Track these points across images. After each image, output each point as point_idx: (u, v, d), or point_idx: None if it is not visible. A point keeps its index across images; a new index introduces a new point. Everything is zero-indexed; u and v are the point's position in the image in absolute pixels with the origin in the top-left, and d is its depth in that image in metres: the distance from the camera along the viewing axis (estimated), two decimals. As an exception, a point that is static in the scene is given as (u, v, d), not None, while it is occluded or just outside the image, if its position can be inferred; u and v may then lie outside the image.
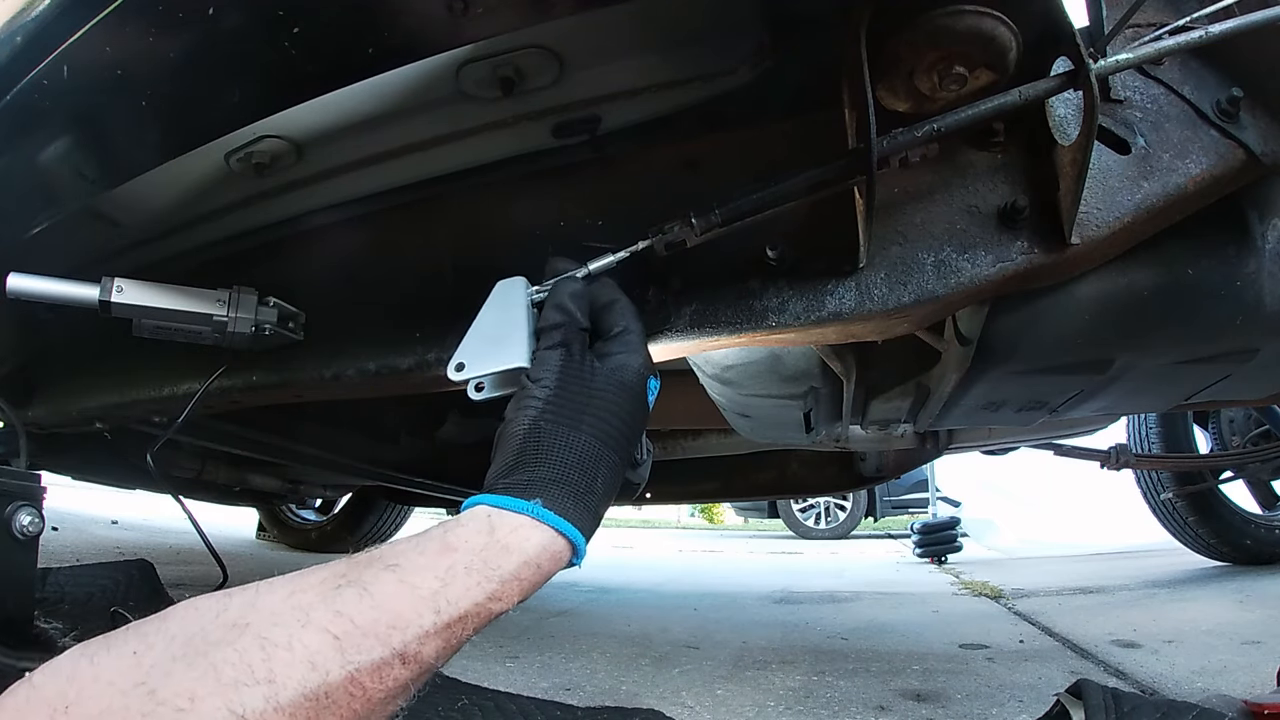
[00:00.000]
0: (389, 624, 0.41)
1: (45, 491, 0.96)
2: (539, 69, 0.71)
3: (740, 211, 0.63)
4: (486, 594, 0.45)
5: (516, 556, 0.47)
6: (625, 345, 0.59)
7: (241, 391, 1.04)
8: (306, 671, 0.37)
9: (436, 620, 0.42)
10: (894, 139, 0.60)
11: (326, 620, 0.40)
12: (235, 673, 0.36)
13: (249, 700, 0.35)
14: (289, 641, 0.38)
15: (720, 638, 1.81)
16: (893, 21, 0.62)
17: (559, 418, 0.53)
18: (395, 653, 0.40)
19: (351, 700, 0.39)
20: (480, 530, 0.47)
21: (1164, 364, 0.88)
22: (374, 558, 0.45)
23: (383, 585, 0.42)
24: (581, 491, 0.51)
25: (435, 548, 0.46)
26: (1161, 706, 0.82)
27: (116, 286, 0.70)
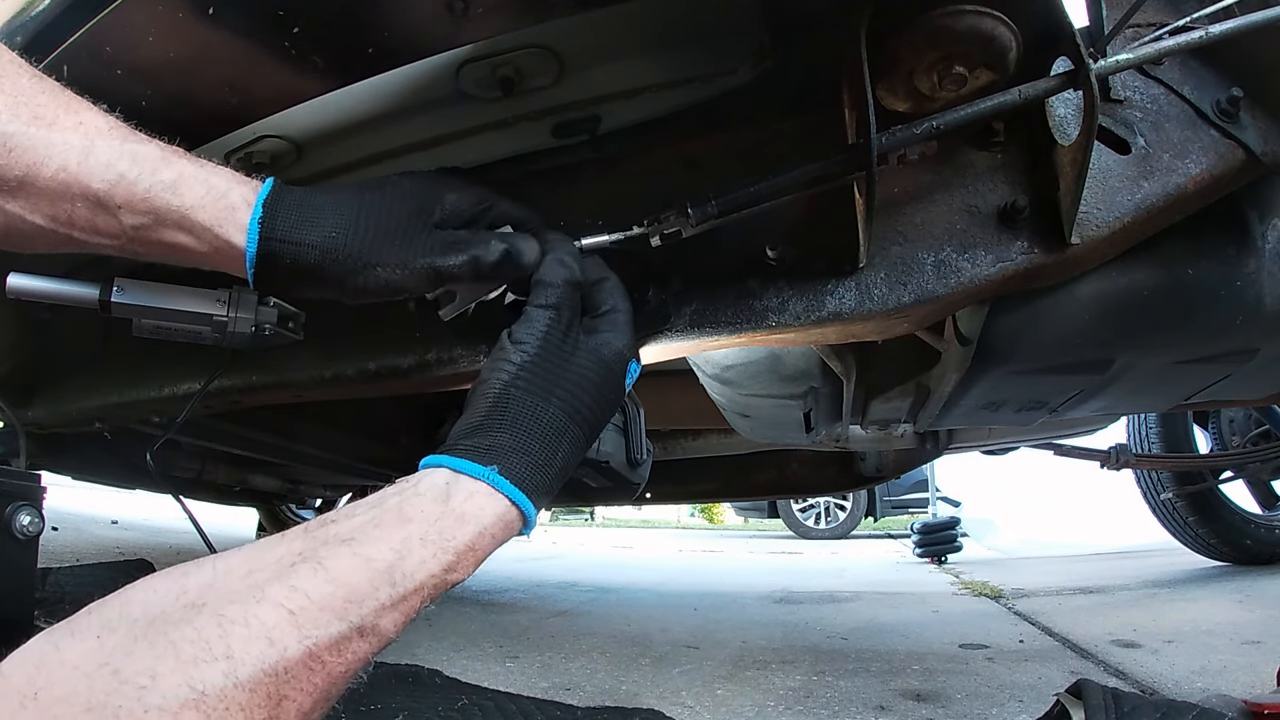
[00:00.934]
0: (345, 599, 0.41)
1: (45, 491, 0.96)
2: (539, 69, 0.71)
3: (737, 203, 0.63)
4: (442, 565, 0.46)
5: (472, 526, 0.47)
6: (611, 324, 0.58)
7: (241, 391, 1.04)
8: (264, 647, 0.38)
9: (393, 593, 0.43)
10: (893, 135, 0.60)
11: (282, 596, 0.40)
12: (194, 650, 0.37)
13: (208, 676, 0.36)
14: (245, 618, 0.39)
15: (720, 638, 1.81)
16: (893, 21, 0.62)
17: (531, 385, 0.53)
18: (353, 627, 0.41)
19: (311, 674, 0.39)
20: (437, 499, 0.48)
21: (1164, 364, 0.88)
22: (330, 533, 0.45)
23: (338, 560, 0.43)
24: (541, 464, 0.51)
25: (391, 519, 0.46)
26: (1161, 706, 0.82)
27: (116, 286, 0.69)
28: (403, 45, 0.65)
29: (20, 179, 0.50)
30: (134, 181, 0.51)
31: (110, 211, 0.51)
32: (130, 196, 0.51)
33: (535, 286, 0.58)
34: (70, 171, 0.50)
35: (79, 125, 0.51)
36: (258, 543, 0.45)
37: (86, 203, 0.51)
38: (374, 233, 0.54)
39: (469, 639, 1.69)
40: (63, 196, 0.51)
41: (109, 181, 0.50)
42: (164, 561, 1.70)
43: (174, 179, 0.51)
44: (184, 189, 0.52)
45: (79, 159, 0.50)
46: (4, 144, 0.49)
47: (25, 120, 0.50)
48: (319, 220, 0.54)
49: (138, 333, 0.74)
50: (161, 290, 0.72)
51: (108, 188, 0.51)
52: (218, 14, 0.59)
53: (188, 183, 0.52)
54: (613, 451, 0.65)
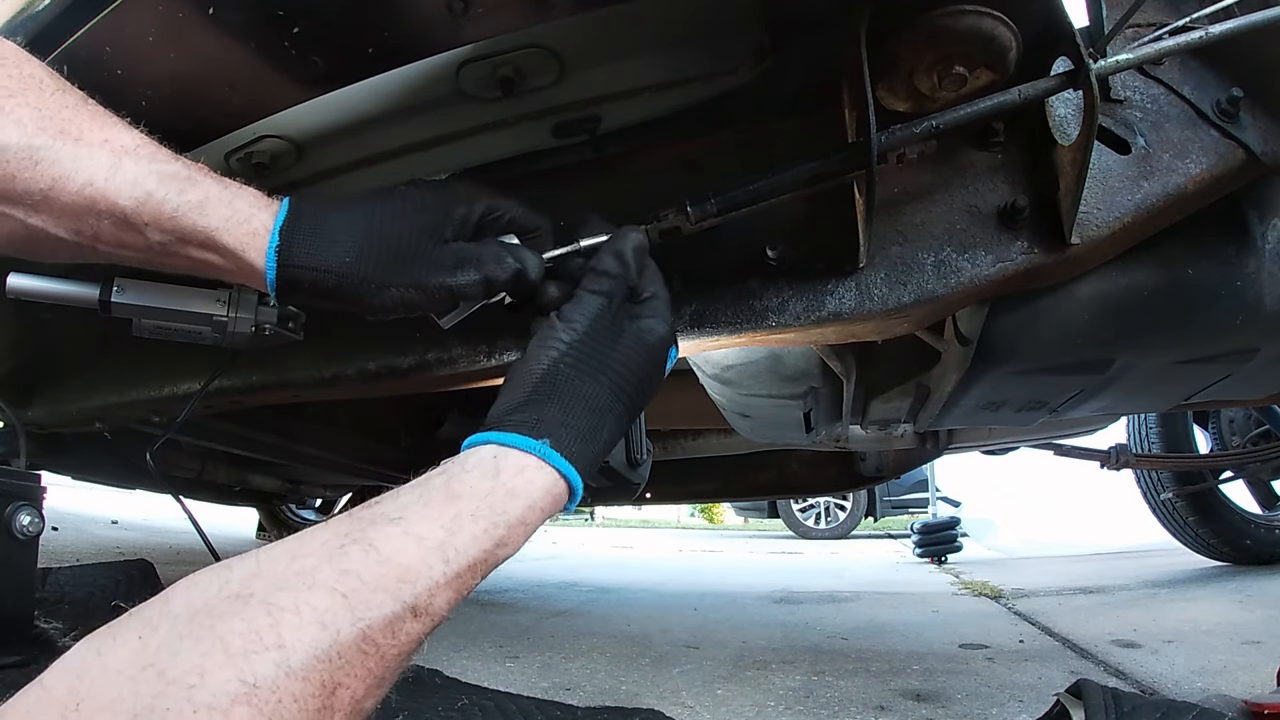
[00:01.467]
0: (398, 578, 0.41)
1: (45, 491, 0.96)
2: (539, 69, 0.71)
3: (736, 202, 0.63)
4: (494, 540, 0.45)
5: (522, 500, 0.47)
6: (654, 310, 0.60)
7: (241, 391, 1.04)
8: (317, 632, 0.37)
9: (446, 570, 0.43)
10: (893, 134, 0.60)
11: (333, 580, 0.39)
12: (243, 642, 0.35)
13: (260, 668, 0.35)
14: (296, 605, 0.37)
15: (720, 638, 1.81)
16: (893, 21, 0.62)
17: (580, 362, 0.54)
18: (407, 606, 0.40)
19: (365, 658, 0.38)
20: (486, 474, 0.48)
21: (1164, 364, 0.88)
22: (377, 514, 0.45)
23: (389, 540, 0.42)
24: (588, 437, 0.52)
25: (440, 496, 0.46)
26: (1161, 706, 0.82)
27: (116, 286, 0.69)
28: (403, 45, 0.65)
29: (45, 193, 0.50)
30: (161, 201, 0.51)
31: (136, 229, 0.52)
32: (157, 215, 0.51)
33: (589, 273, 0.59)
34: (97, 188, 0.50)
35: (105, 142, 0.51)
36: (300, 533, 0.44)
37: (112, 219, 0.51)
38: (387, 255, 0.55)
39: (469, 639, 1.69)
40: (88, 212, 0.51)
41: (136, 200, 0.51)
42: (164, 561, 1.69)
43: (201, 200, 0.52)
44: (210, 210, 0.52)
45: (106, 175, 0.50)
46: (30, 157, 0.49)
47: (52, 134, 0.50)
48: (333, 245, 0.55)
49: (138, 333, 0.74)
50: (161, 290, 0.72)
51: (135, 205, 0.51)
52: (218, 14, 0.59)
53: (214, 204, 0.53)
54: (613, 452, 0.65)
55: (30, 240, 0.53)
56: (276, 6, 0.59)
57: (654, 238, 0.64)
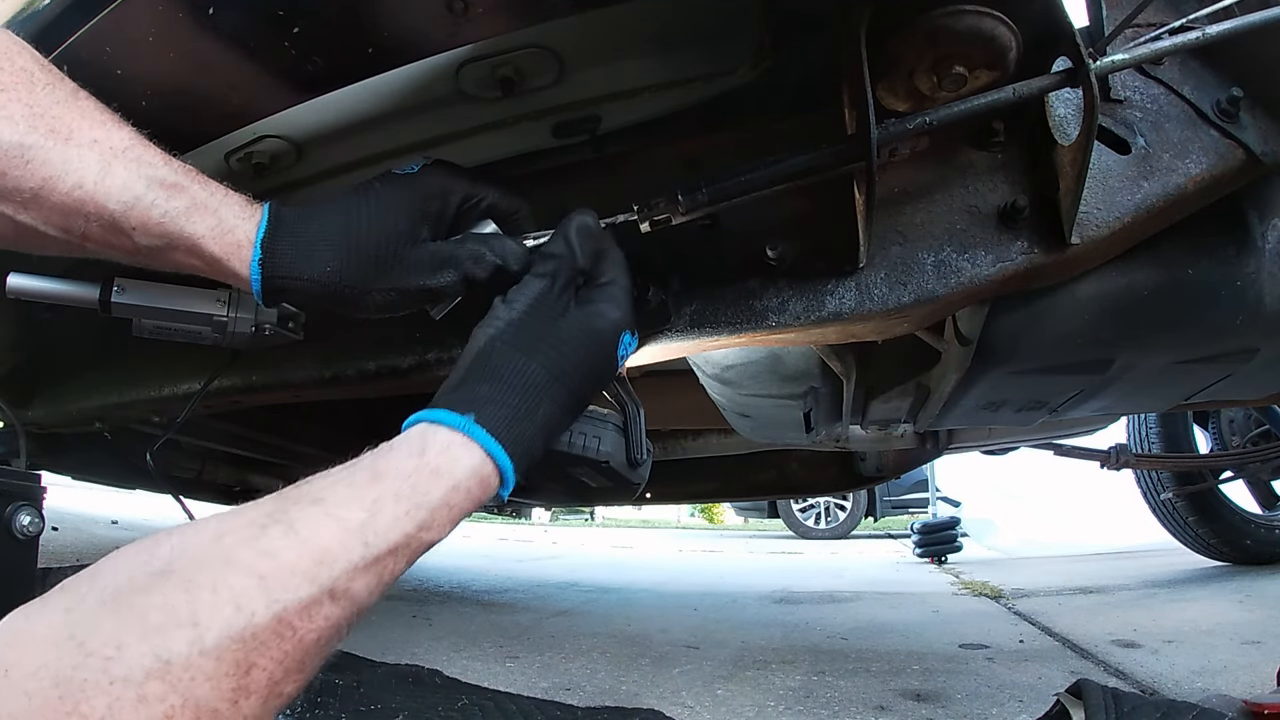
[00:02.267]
0: (315, 560, 0.40)
1: (45, 491, 0.96)
2: (539, 69, 0.71)
3: (727, 192, 0.62)
4: (416, 523, 0.44)
5: (446, 480, 0.46)
6: (608, 296, 0.59)
7: (241, 391, 1.04)
8: (231, 613, 0.37)
9: (365, 553, 0.42)
10: (885, 129, 0.60)
11: (251, 559, 0.39)
12: (160, 618, 0.36)
13: (174, 644, 0.35)
14: (213, 584, 0.38)
15: (720, 638, 1.81)
16: (893, 21, 0.62)
17: (516, 340, 0.53)
18: (324, 590, 0.40)
19: (281, 641, 0.38)
20: (411, 452, 0.47)
21: (1164, 364, 0.88)
22: (303, 493, 0.44)
23: (309, 520, 0.42)
24: (519, 416, 0.50)
25: (365, 477, 0.45)
26: (1161, 706, 0.82)
27: (117, 286, 0.70)
28: (403, 45, 0.65)
29: (35, 191, 0.50)
30: (149, 206, 0.52)
31: (124, 232, 0.52)
32: (145, 220, 0.52)
33: (539, 257, 0.59)
34: (86, 190, 0.50)
35: (95, 143, 0.51)
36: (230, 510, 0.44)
37: (100, 222, 0.51)
38: (367, 262, 0.56)
39: (469, 639, 1.69)
40: (77, 213, 0.51)
41: (124, 204, 0.51)
42: (164, 561, 1.67)
43: (187, 206, 0.53)
44: (196, 218, 0.53)
45: (95, 178, 0.50)
46: (21, 155, 0.49)
47: (43, 133, 0.49)
48: (312, 256, 0.55)
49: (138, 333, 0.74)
50: (161, 290, 0.72)
51: (122, 210, 0.51)
52: (218, 14, 0.59)
53: (200, 212, 0.53)
54: (613, 451, 0.65)
55: (19, 236, 0.53)
56: (277, 6, 0.59)
57: (643, 225, 0.64)
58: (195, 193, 0.53)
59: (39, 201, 0.50)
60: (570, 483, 0.69)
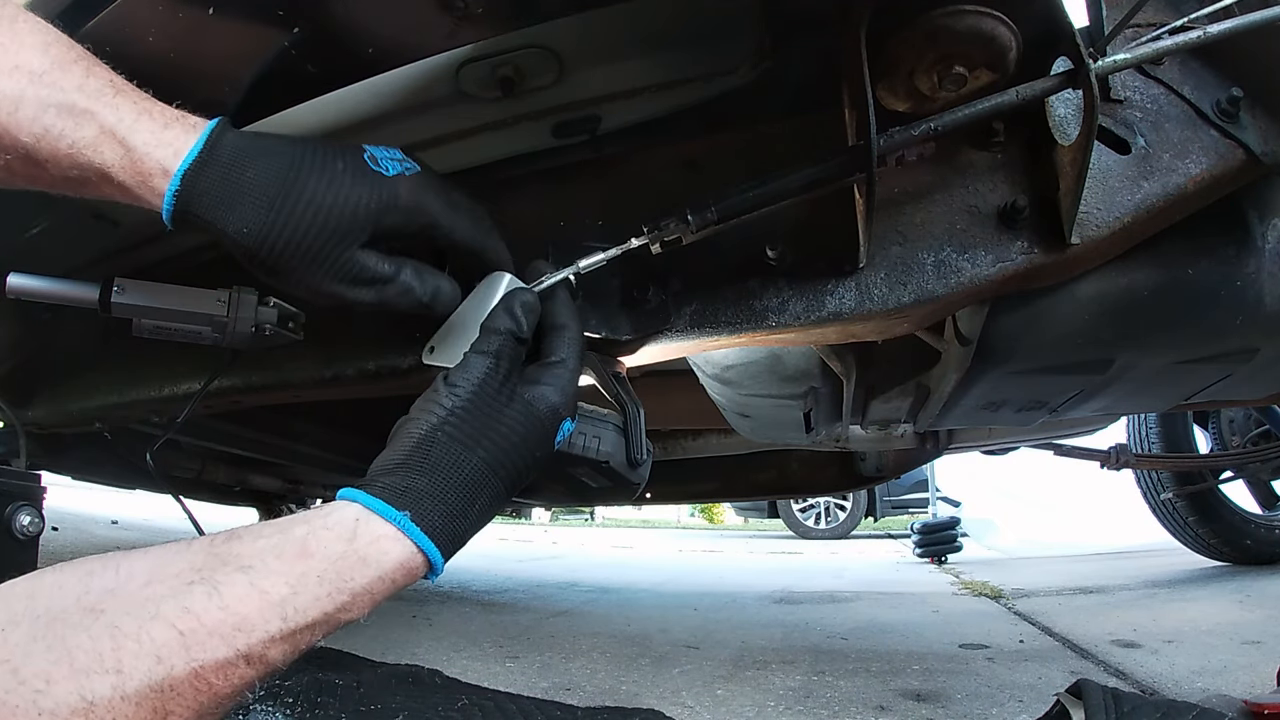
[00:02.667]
0: (234, 626, 0.42)
1: (45, 491, 0.96)
2: (539, 69, 0.71)
3: (737, 209, 0.62)
4: (336, 605, 0.45)
5: (372, 570, 0.47)
6: (554, 378, 0.56)
7: (241, 391, 1.04)
8: (152, 664, 0.39)
9: (283, 627, 0.43)
10: (890, 137, 0.60)
11: (174, 616, 0.41)
12: (87, 660, 0.38)
13: (98, 688, 0.38)
14: (138, 634, 0.40)
15: (720, 638, 1.81)
16: (893, 21, 0.62)
17: (458, 433, 0.51)
18: (239, 654, 0.42)
19: (197, 694, 0.40)
20: (342, 537, 0.47)
21: (1164, 364, 0.88)
22: (231, 553, 0.45)
23: (233, 586, 0.43)
24: (456, 514, 0.50)
25: (293, 550, 0.45)
26: (1161, 706, 0.82)
27: (116, 286, 0.70)
28: (402, 45, 0.65)
29: None
30: (58, 137, 0.48)
31: (40, 165, 0.49)
32: (55, 152, 0.49)
33: (482, 331, 0.56)
34: (1, 122, 0.48)
35: (15, 69, 0.48)
36: (165, 547, 0.46)
37: (18, 154, 0.49)
38: (290, 243, 0.51)
39: (469, 639, 1.69)
40: None
41: (34, 135, 0.48)
42: (164, 561, 1.67)
43: (95, 136, 0.49)
44: (104, 147, 0.49)
45: (10, 109, 0.48)
46: None
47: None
48: (235, 208, 0.50)
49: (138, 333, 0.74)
50: (161, 290, 0.72)
51: (34, 141, 0.48)
52: (218, 13, 0.59)
53: (107, 141, 0.49)
54: (613, 451, 0.65)
55: None
56: (277, 6, 0.59)
57: (654, 248, 0.64)
58: (105, 118, 0.49)
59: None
60: (570, 483, 0.69)
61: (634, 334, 0.74)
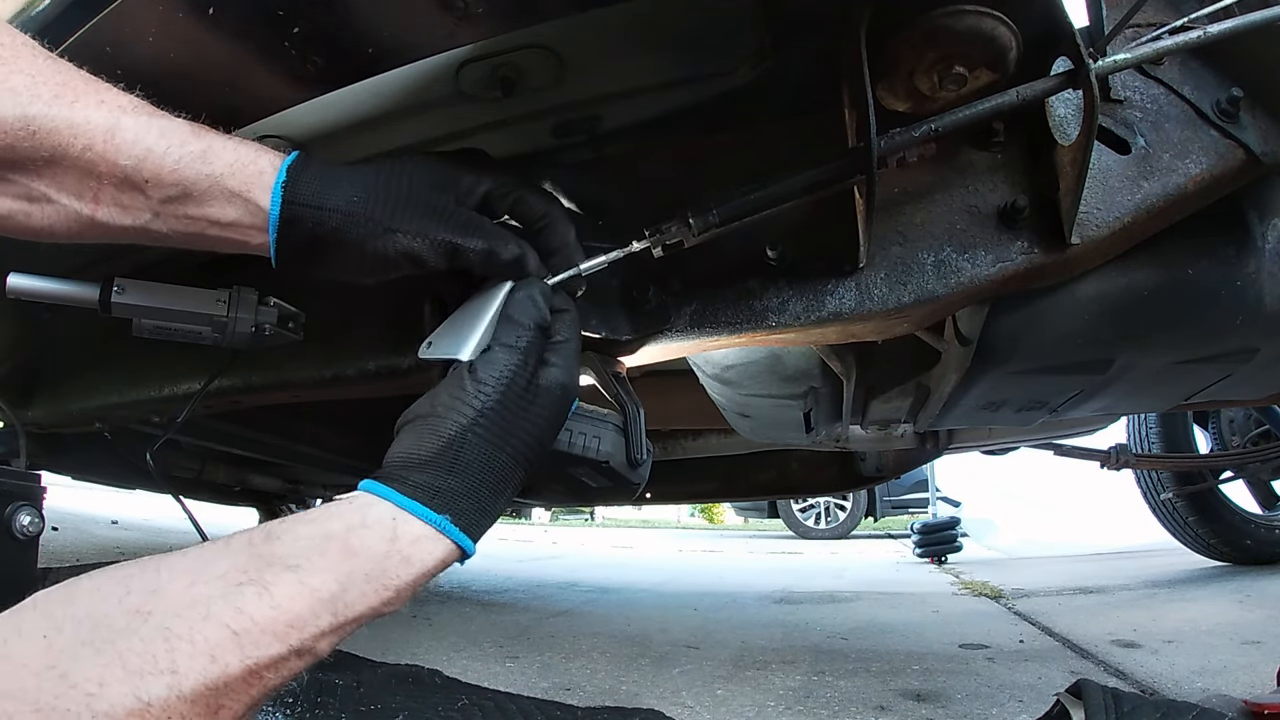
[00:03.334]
0: (288, 624, 0.43)
1: (45, 491, 0.96)
2: (539, 69, 0.71)
3: (738, 212, 0.62)
4: (382, 600, 0.47)
5: (416, 568, 0.48)
6: (564, 357, 0.57)
7: (241, 391, 1.04)
8: (207, 664, 0.40)
9: (333, 621, 0.45)
10: (891, 139, 0.60)
11: (227, 616, 0.42)
12: (141, 662, 0.39)
13: (154, 688, 0.38)
14: (190, 635, 0.40)
15: (720, 638, 1.81)
16: (893, 21, 0.62)
17: (489, 433, 0.52)
18: (292, 649, 0.43)
19: (249, 688, 0.42)
20: (383, 536, 0.48)
21: (1164, 364, 0.88)
22: (274, 554, 0.46)
23: (283, 586, 0.44)
24: (488, 509, 0.52)
25: (337, 549, 0.46)
26: (1161, 706, 0.82)
27: (116, 286, 0.70)
28: (402, 45, 0.64)
29: (47, 160, 0.50)
30: (162, 154, 0.51)
31: (138, 187, 0.52)
32: (158, 170, 0.51)
33: (503, 321, 0.56)
34: (97, 150, 0.50)
35: (101, 103, 0.51)
36: (201, 549, 0.46)
37: (114, 180, 0.51)
38: (395, 199, 0.55)
39: (469, 639, 1.69)
40: (89, 174, 0.51)
41: (136, 157, 0.51)
42: (164, 561, 1.66)
43: (204, 149, 0.53)
44: (213, 157, 0.53)
45: (105, 136, 0.50)
46: (26, 126, 0.49)
47: (47, 100, 0.49)
48: (340, 185, 0.55)
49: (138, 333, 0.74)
50: (161, 290, 0.72)
51: (135, 163, 0.51)
52: (218, 13, 0.59)
53: (217, 152, 0.53)
54: (613, 451, 0.65)
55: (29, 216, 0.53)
56: (276, 6, 0.59)
57: (656, 251, 0.64)
58: (210, 139, 0.53)
59: (52, 168, 0.50)
60: (570, 483, 0.69)
61: (634, 334, 0.74)
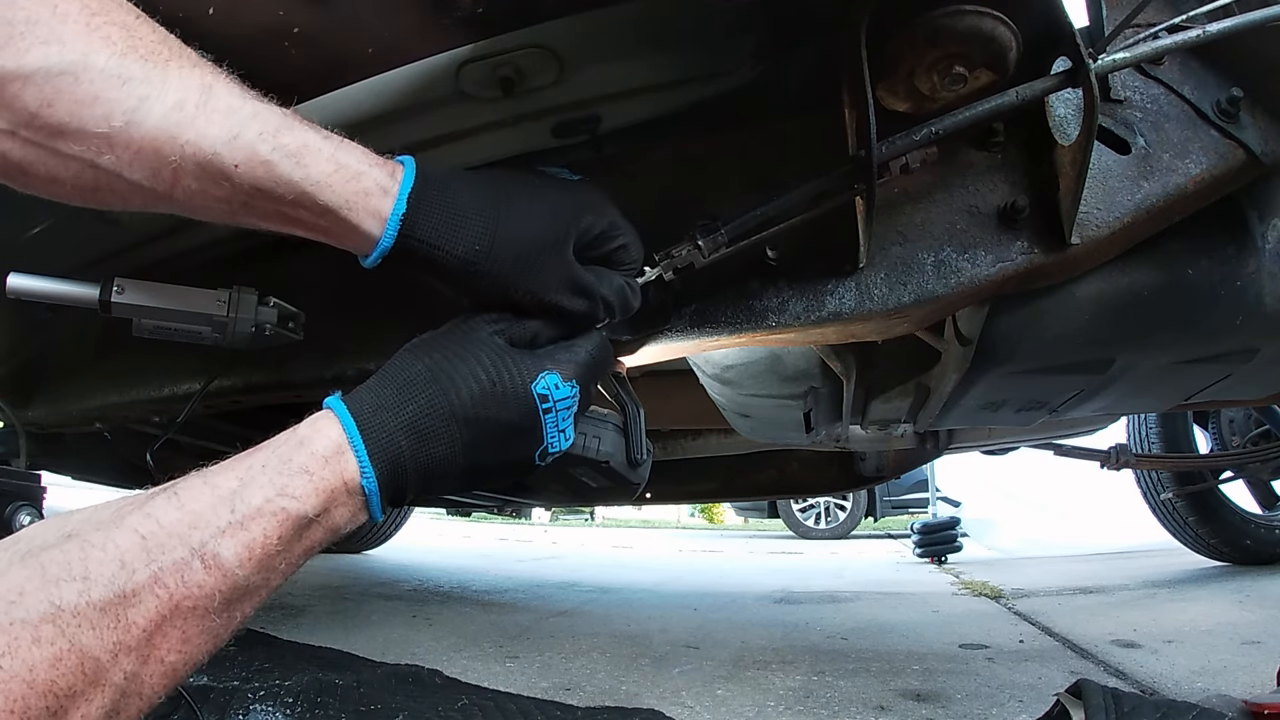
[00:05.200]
0: (189, 524, 0.43)
1: (45, 491, 0.96)
2: (539, 69, 0.71)
3: (746, 229, 0.64)
4: (277, 488, 0.46)
5: (306, 449, 0.48)
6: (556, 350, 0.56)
7: (241, 391, 1.04)
8: (116, 570, 0.41)
9: (231, 518, 0.44)
10: (892, 143, 0.60)
11: (137, 522, 0.43)
12: (58, 570, 0.40)
13: (66, 594, 0.39)
14: (104, 543, 0.41)
15: (720, 638, 1.81)
16: (893, 21, 0.62)
17: (414, 348, 0.54)
18: (194, 552, 0.43)
19: (157, 600, 0.41)
20: (290, 430, 0.49)
21: (1164, 364, 0.88)
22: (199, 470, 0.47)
23: (190, 489, 0.45)
24: (387, 406, 0.50)
25: (248, 451, 0.48)
26: (1161, 706, 0.82)
27: (116, 286, 0.70)
28: (402, 45, 0.65)
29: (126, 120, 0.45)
30: (254, 142, 0.47)
31: (222, 174, 0.47)
32: (249, 158, 0.47)
33: None
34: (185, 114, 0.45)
35: (196, 67, 0.47)
36: None
37: (198, 160, 0.46)
38: (514, 257, 0.53)
39: (469, 639, 1.69)
40: (169, 148, 0.46)
41: (226, 138, 0.46)
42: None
43: (299, 146, 0.48)
44: (309, 160, 0.48)
45: (197, 103, 0.46)
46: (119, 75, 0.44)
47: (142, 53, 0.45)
48: (463, 229, 0.52)
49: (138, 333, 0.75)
50: (162, 290, 0.72)
51: (226, 143, 0.46)
52: (217, 14, 0.59)
53: (313, 154, 0.48)
54: (613, 451, 0.65)
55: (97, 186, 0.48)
56: (276, 7, 0.59)
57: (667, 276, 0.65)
58: (306, 134, 0.48)
59: (127, 136, 0.45)
60: (570, 483, 0.69)
61: (634, 334, 0.75)
